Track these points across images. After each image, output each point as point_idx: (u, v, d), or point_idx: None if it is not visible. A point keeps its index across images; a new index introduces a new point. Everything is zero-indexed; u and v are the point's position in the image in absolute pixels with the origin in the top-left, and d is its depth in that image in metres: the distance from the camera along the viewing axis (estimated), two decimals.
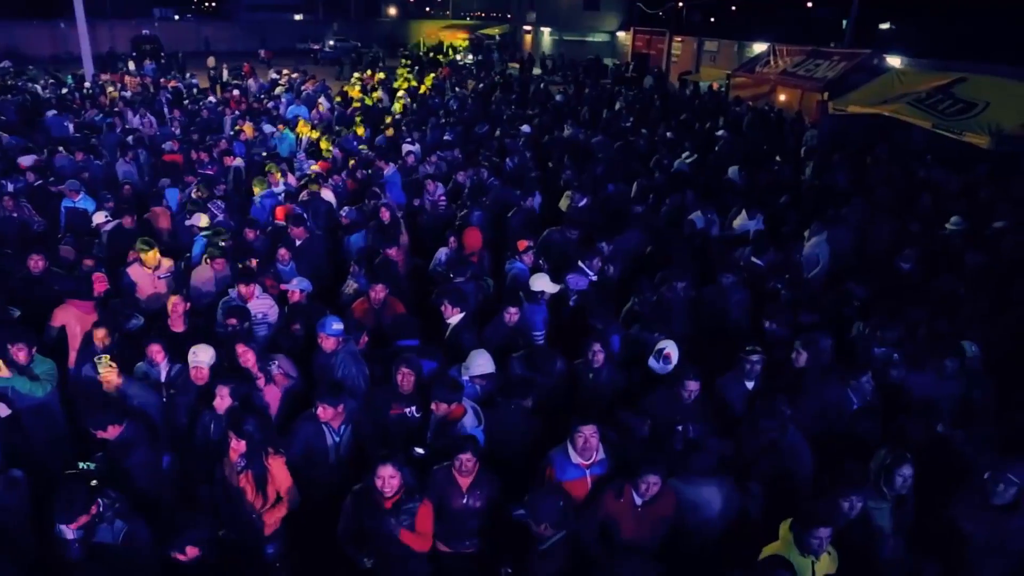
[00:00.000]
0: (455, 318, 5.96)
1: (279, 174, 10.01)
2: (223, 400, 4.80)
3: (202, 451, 4.85)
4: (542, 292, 6.42)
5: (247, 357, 5.25)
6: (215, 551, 3.86)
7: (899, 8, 33.07)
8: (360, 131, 14.34)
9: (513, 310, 5.96)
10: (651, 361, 5.55)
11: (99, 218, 8.48)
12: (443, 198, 9.87)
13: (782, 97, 20.32)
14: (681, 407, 5.02)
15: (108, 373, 5.04)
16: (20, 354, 5.24)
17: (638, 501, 4.14)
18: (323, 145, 12.92)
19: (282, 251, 7.34)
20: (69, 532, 3.78)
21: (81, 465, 4.68)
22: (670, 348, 5.54)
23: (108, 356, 5.12)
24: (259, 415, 4.65)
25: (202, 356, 5.18)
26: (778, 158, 13.59)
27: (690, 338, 6.30)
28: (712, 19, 40.15)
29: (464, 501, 4.38)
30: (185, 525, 3.77)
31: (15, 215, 8.72)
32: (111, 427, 4.57)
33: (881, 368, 5.66)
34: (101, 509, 3.88)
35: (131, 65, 28.39)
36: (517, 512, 3.98)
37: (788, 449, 4.62)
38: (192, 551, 3.73)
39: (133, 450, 4.60)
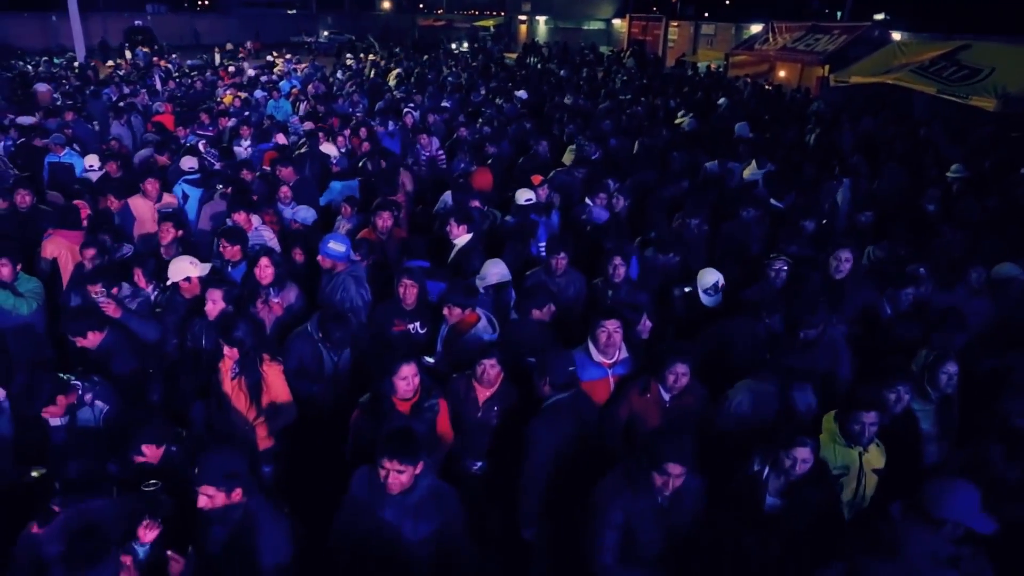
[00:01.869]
0: (462, 239, 5.66)
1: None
2: (215, 305, 4.48)
3: (193, 364, 4.53)
4: (529, 200, 6.62)
5: (267, 272, 4.97)
6: (185, 448, 3.59)
7: None
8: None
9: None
10: (702, 296, 5.13)
11: (89, 161, 8.19)
12: (441, 152, 9.53)
13: (782, 73, 20.14)
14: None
15: (107, 306, 4.73)
16: (4, 269, 4.98)
17: (666, 397, 3.85)
18: None
19: (284, 189, 7.08)
20: (56, 420, 3.71)
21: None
22: (722, 279, 5.15)
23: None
24: (251, 320, 4.27)
25: (178, 270, 4.87)
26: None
27: None
28: (706, 14, 39.95)
29: (479, 415, 4.02)
30: (137, 425, 3.54)
31: None
32: (91, 333, 4.28)
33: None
34: (80, 392, 3.75)
35: (127, 54, 28.12)
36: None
37: (829, 347, 4.34)
38: (151, 450, 3.48)
39: (115, 358, 4.29)
